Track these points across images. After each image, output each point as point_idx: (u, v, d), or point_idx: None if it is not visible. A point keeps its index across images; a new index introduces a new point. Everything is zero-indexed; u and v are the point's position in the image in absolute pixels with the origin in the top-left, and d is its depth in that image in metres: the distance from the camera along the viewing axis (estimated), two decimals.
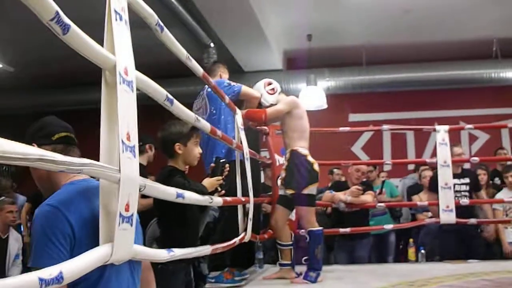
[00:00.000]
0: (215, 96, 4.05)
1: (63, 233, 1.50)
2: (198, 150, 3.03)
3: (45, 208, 1.54)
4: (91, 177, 1.70)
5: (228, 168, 3.08)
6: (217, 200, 2.99)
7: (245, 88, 4.37)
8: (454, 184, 5.34)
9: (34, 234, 1.52)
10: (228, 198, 3.26)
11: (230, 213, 3.94)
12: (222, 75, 4.60)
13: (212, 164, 3.07)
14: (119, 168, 1.51)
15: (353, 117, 9.36)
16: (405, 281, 4.15)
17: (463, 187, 5.47)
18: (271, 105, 4.48)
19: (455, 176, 5.34)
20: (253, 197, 3.86)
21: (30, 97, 9.17)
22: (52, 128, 1.76)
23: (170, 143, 2.96)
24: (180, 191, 2.27)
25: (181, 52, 2.43)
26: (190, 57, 2.55)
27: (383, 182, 6.51)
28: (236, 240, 3.54)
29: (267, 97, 4.50)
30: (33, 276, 1.14)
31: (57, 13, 1.29)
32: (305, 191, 4.22)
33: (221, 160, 3.08)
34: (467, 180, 5.47)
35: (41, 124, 1.77)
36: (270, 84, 4.55)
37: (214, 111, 4.27)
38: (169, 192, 2.17)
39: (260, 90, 4.53)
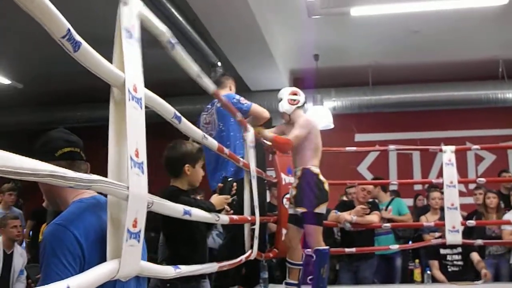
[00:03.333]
0: (224, 112, 4.05)
1: (73, 254, 1.50)
2: (202, 172, 3.01)
3: (55, 227, 1.53)
4: (99, 193, 1.71)
5: (235, 187, 3.08)
6: (224, 218, 2.97)
7: (254, 107, 4.32)
8: (446, 254, 5.46)
9: (44, 254, 1.51)
10: (235, 217, 3.24)
11: (236, 231, 3.92)
12: (232, 87, 4.58)
13: (220, 184, 3.07)
14: (128, 185, 1.51)
15: (359, 137, 9.34)
16: None
17: (455, 257, 5.50)
18: (284, 113, 4.47)
19: (446, 246, 5.39)
20: (259, 215, 3.85)
21: (38, 114, 9.22)
22: (55, 143, 1.72)
23: (179, 164, 2.92)
24: (187, 208, 2.26)
25: (192, 69, 2.43)
26: (201, 74, 2.56)
27: (392, 199, 6.41)
28: (243, 257, 3.52)
29: (285, 105, 4.44)
30: None
31: (69, 30, 1.30)
32: (316, 210, 4.19)
33: (229, 179, 3.08)
34: (459, 249, 5.47)
35: (45, 139, 1.74)
36: (295, 94, 4.49)
37: (223, 128, 4.25)
38: (176, 209, 2.16)
39: (282, 95, 4.50)
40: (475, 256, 5.45)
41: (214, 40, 6.50)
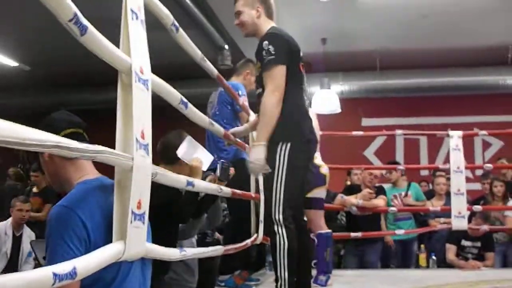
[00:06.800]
0: (222, 98, 4.04)
1: (78, 237, 1.50)
2: None
3: (59, 209, 1.54)
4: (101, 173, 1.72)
5: (233, 171, 3.08)
6: (226, 191, 2.97)
7: (243, 115, 4.08)
8: (466, 246, 5.35)
9: (49, 237, 1.51)
10: (238, 191, 3.23)
11: (241, 215, 3.92)
12: (248, 76, 4.24)
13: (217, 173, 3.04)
14: (132, 156, 1.52)
15: (366, 122, 9.33)
16: (416, 287, 4.13)
17: (473, 250, 5.38)
18: None
19: (468, 238, 5.31)
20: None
21: (45, 96, 9.24)
22: (58, 124, 1.71)
23: (171, 151, 2.79)
24: (190, 179, 2.26)
25: (196, 52, 2.44)
26: (205, 58, 2.56)
27: (409, 184, 6.32)
28: (248, 241, 3.52)
29: None
30: (47, 271, 1.16)
31: (76, 14, 1.30)
32: (309, 195, 4.03)
33: (226, 164, 3.03)
34: (478, 244, 5.36)
35: (48, 121, 1.74)
36: None
37: (218, 113, 4.15)
38: (180, 180, 2.16)
39: None
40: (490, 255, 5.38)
41: (222, 23, 6.47)
